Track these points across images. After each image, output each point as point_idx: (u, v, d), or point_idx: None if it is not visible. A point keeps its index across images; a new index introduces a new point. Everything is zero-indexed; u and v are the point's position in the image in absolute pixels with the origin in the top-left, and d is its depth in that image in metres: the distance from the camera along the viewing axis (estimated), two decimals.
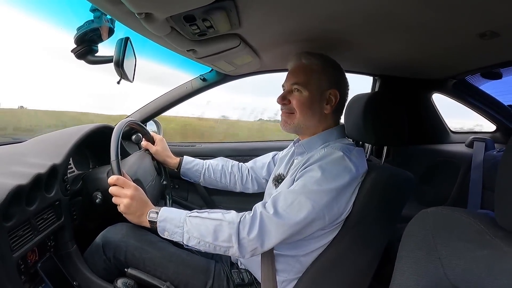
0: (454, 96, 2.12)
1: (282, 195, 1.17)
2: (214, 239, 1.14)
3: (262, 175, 1.75)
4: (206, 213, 1.19)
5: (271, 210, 1.14)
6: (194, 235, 1.15)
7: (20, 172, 1.16)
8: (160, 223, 1.19)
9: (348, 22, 1.14)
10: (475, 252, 0.64)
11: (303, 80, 1.32)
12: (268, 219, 1.13)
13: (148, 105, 2.28)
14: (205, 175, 1.76)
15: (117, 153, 1.28)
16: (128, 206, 1.21)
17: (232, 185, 1.79)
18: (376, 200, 1.22)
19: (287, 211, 1.13)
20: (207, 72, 2.18)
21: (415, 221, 0.81)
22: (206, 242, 1.14)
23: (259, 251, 1.16)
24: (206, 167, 1.77)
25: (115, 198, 1.23)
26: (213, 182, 1.78)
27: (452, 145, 2.25)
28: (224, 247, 1.15)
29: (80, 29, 1.26)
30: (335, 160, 1.19)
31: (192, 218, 1.18)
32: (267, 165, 1.74)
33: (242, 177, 1.78)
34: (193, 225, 1.16)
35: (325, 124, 1.35)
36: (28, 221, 1.14)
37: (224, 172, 1.78)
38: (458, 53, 1.42)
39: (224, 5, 0.94)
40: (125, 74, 1.31)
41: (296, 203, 1.13)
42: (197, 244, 1.16)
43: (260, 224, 1.12)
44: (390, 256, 1.08)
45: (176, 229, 1.17)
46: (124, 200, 1.21)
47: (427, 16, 1.01)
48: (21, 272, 1.13)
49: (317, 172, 1.16)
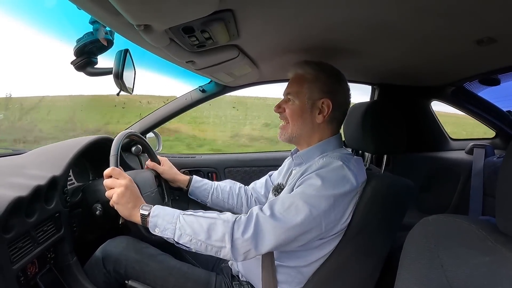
0: (452, 103, 2.13)
1: (279, 199, 1.16)
2: (207, 238, 1.11)
3: (261, 194, 1.74)
4: (201, 212, 1.18)
5: (267, 212, 1.12)
6: (187, 232, 1.12)
7: (20, 184, 1.16)
8: (152, 218, 1.16)
9: (346, 32, 1.14)
10: (477, 258, 0.64)
11: (295, 89, 1.33)
12: (264, 220, 1.11)
13: (148, 117, 2.29)
14: (213, 195, 1.74)
15: (117, 151, 1.28)
16: (121, 195, 1.19)
17: (238, 207, 1.76)
18: (377, 208, 1.21)
19: (284, 214, 1.11)
20: (206, 84, 2.18)
21: (416, 229, 0.81)
22: (198, 240, 1.11)
23: (252, 254, 1.12)
24: (214, 187, 1.75)
25: (109, 191, 1.22)
26: (220, 203, 1.75)
27: (452, 152, 2.25)
28: (216, 247, 1.11)
29: (79, 41, 1.26)
30: (333, 169, 1.18)
31: (186, 216, 1.16)
32: (264, 184, 1.74)
33: (247, 199, 1.76)
34: (187, 222, 1.14)
35: (320, 134, 1.34)
36: (28, 233, 1.14)
37: (232, 193, 1.76)
38: (456, 60, 1.43)
39: (223, 16, 0.94)
40: (124, 85, 1.32)
41: (293, 207, 1.11)
42: (189, 242, 1.13)
43: (255, 225, 1.10)
44: (391, 264, 1.08)
45: (168, 225, 1.15)
46: (117, 189, 1.20)
47: (424, 24, 1.02)
48: (21, 284, 1.12)
49: (315, 180, 1.15)
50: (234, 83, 2.08)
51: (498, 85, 1.82)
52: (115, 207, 1.21)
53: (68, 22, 5.39)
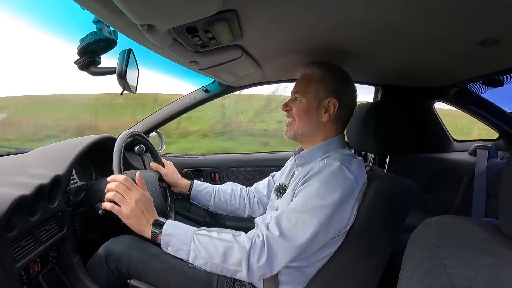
0: (456, 104, 2.12)
1: (284, 215, 1.15)
2: (223, 261, 1.11)
3: (264, 194, 1.74)
4: (216, 232, 1.16)
5: (276, 231, 1.12)
6: (202, 254, 1.12)
7: (23, 182, 1.16)
8: (164, 237, 1.15)
9: (349, 33, 1.14)
10: (480, 260, 0.64)
11: (302, 88, 1.34)
12: (275, 242, 1.11)
13: (151, 117, 2.30)
14: (215, 197, 1.74)
15: (121, 148, 1.30)
16: (133, 210, 1.17)
17: (241, 208, 1.76)
18: (380, 209, 1.21)
19: (292, 231, 1.11)
20: (210, 83, 2.19)
21: (419, 230, 0.81)
22: (214, 264, 1.11)
23: (267, 275, 1.14)
24: (216, 190, 1.75)
25: (120, 199, 1.18)
26: (223, 206, 1.75)
27: (455, 153, 2.24)
28: (232, 270, 1.12)
29: (83, 41, 1.26)
30: (334, 172, 1.18)
31: (200, 236, 1.15)
32: (267, 184, 1.74)
33: (250, 200, 1.76)
34: (201, 244, 1.13)
35: (325, 133, 1.35)
36: (30, 231, 1.14)
37: (234, 195, 1.76)
38: (459, 61, 1.43)
39: (226, 16, 0.94)
40: (127, 85, 1.32)
41: (300, 222, 1.12)
42: (204, 264, 1.13)
43: (268, 249, 1.10)
44: (394, 265, 1.07)
45: (181, 245, 1.14)
46: (131, 202, 1.17)
47: (427, 25, 1.02)
48: (23, 283, 1.12)
49: (317, 186, 1.16)
50: (238, 83, 2.08)
51: (502, 86, 1.81)
52: (124, 220, 1.19)
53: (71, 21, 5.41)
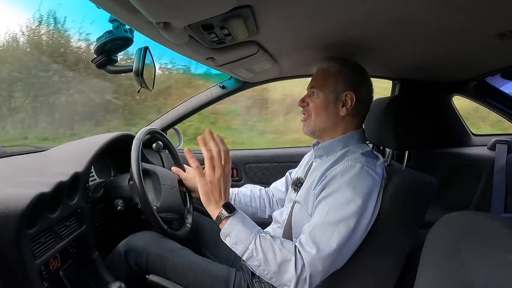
0: (474, 98, 2.09)
1: (317, 228, 1.13)
2: (276, 272, 1.09)
3: (282, 191, 1.72)
4: (279, 240, 1.14)
5: (313, 250, 1.09)
6: (258, 257, 1.10)
7: (43, 180, 1.18)
8: (227, 226, 1.15)
9: (367, 27, 1.13)
10: (500, 257, 0.63)
11: (319, 83, 1.33)
12: (317, 262, 1.08)
13: (169, 114, 2.32)
14: (235, 200, 1.72)
15: (139, 143, 1.33)
16: (213, 182, 1.16)
17: (262, 209, 1.75)
18: (399, 205, 1.20)
19: (330, 245, 1.09)
20: (226, 80, 2.19)
21: (438, 226, 0.80)
22: (265, 269, 1.10)
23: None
24: (235, 193, 1.74)
25: (210, 164, 1.17)
26: (243, 208, 1.72)
27: (474, 148, 2.21)
28: (280, 282, 1.10)
29: (99, 40, 1.28)
30: (359, 175, 1.16)
31: (263, 238, 1.13)
32: (285, 181, 1.73)
33: (269, 200, 1.75)
34: (262, 247, 1.11)
35: (343, 127, 1.33)
36: (50, 228, 1.16)
37: (253, 196, 1.75)
38: (477, 54, 1.40)
39: (241, 12, 0.94)
40: (144, 82, 1.33)
41: (336, 234, 1.10)
42: (256, 266, 1.12)
43: (311, 270, 1.08)
44: (412, 262, 1.06)
45: (240, 241, 1.13)
46: (217, 173, 1.16)
47: (445, 18, 1.00)
48: (43, 279, 1.14)
49: (344, 193, 1.14)
50: (254, 79, 2.08)
51: None
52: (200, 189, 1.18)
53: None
